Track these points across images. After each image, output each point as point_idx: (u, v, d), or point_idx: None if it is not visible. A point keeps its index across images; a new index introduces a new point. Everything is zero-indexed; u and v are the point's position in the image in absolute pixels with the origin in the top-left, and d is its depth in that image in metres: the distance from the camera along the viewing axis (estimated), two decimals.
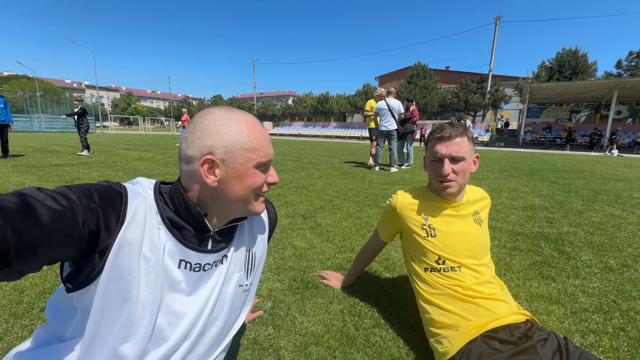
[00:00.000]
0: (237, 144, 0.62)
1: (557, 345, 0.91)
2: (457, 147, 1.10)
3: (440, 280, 1.12)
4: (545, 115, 26.58)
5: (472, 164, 1.16)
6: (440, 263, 1.14)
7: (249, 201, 0.68)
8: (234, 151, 0.62)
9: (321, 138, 33.83)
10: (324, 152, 11.19)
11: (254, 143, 0.63)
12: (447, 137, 1.10)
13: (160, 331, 0.63)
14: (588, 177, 6.10)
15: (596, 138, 20.96)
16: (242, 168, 0.63)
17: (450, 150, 1.10)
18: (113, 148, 9.89)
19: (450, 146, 1.10)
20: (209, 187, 0.63)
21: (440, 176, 1.12)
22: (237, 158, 0.62)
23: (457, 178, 1.11)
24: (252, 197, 0.67)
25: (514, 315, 1.01)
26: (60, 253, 0.50)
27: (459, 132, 1.11)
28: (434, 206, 1.21)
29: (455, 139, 1.10)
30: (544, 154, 14.41)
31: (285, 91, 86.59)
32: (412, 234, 1.22)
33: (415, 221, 1.21)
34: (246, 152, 0.63)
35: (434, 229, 1.17)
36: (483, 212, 1.26)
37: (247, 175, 0.64)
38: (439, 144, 1.12)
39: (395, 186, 4.48)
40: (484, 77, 30.37)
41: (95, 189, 0.56)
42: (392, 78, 42.84)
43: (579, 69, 26.20)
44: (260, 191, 0.69)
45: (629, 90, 20.14)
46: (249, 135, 0.63)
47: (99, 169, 5.35)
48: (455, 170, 1.11)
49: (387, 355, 1.14)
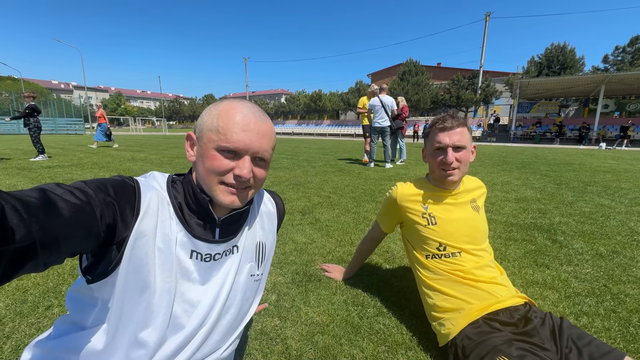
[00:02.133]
0: (206, 124, 0.65)
1: (552, 325, 0.96)
2: (459, 137, 1.15)
3: (441, 266, 1.16)
4: (536, 110, 26.99)
5: (471, 154, 1.22)
6: (442, 249, 1.18)
7: (211, 185, 0.65)
8: (202, 130, 0.65)
9: (315, 136, 33.83)
10: (319, 149, 11.21)
11: (219, 126, 0.63)
12: (450, 127, 1.15)
13: (177, 319, 0.65)
14: (578, 169, 6.25)
15: (585, 132, 21.38)
16: (205, 148, 0.64)
17: (452, 139, 1.15)
18: (105, 149, 9.75)
19: (453, 135, 1.15)
20: (193, 167, 0.69)
21: (443, 164, 1.16)
22: (203, 137, 0.64)
23: (459, 166, 1.16)
24: (213, 182, 0.64)
25: (514, 298, 1.06)
26: (81, 245, 0.51)
27: (460, 123, 1.17)
28: (433, 196, 1.25)
29: (457, 129, 1.15)
30: (534, 148, 14.67)
31: (277, 89, 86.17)
32: (413, 224, 1.26)
33: (415, 211, 1.25)
34: (210, 132, 0.63)
35: (434, 217, 1.21)
36: (480, 200, 1.31)
37: (207, 156, 0.63)
38: (442, 133, 1.17)
39: (391, 181, 4.53)
40: (475, 73, 30.67)
41: (110, 183, 0.58)
42: (384, 75, 42.97)
43: (567, 64, 26.63)
44: (224, 179, 0.64)
45: (616, 85, 20.60)
46: (218, 118, 0.63)
47: (91, 171, 5.28)
48: (457, 159, 1.16)
49: (391, 341, 1.17)
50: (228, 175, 0.64)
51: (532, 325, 0.96)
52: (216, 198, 0.65)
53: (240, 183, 0.65)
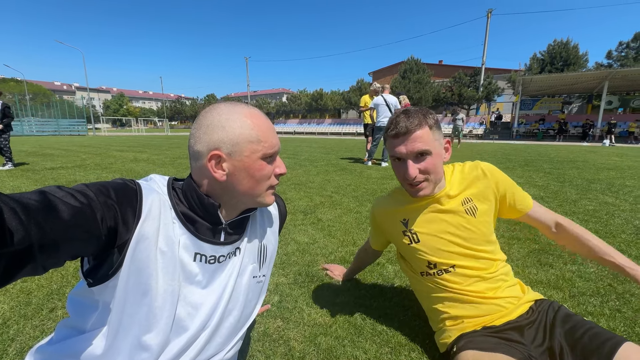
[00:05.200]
0: (242, 136, 0.63)
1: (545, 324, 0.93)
2: (419, 142, 0.90)
3: (437, 282, 1.04)
4: (538, 107, 26.81)
5: (444, 153, 0.97)
6: (432, 267, 1.03)
7: (260, 193, 0.68)
8: (240, 144, 0.62)
9: (316, 135, 33.79)
10: (320, 148, 11.20)
11: (259, 135, 0.64)
12: (404, 133, 0.90)
13: (180, 322, 0.65)
14: (581, 167, 6.20)
15: (588, 128, 21.22)
16: (249, 160, 0.64)
17: (410, 147, 0.91)
18: (107, 150, 9.80)
19: (410, 143, 0.90)
20: (218, 182, 0.64)
21: (406, 179, 0.94)
22: (243, 151, 0.63)
23: (427, 177, 0.94)
24: (262, 189, 0.68)
25: (520, 307, 0.98)
26: (81, 248, 0.52)
27: (417, 123, 0.90)
28: (412, 208, 1.05)
29: (415, 133, 0.90)
30: (537, 146, 14.57)
31: (278, 89, 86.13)
32: (397, 243, 1.14)
33: (395, 229, 1.09)
34: (251, 144, 0.63)
35: (415, 233, 1.04)
36: (480, 196, 1.02)
37: (254, 168, 0.65)
38: (396, 141, 0.93)
39: (393, 180, 4.52)
40: (477, 71, 30.48)
41: (111, 186, 0.58)
42: (385, 73, 42.83)
43: (570, 61, 26.40)
44: (270, 182, 0.69)
45: (620, 81, 20.38)
46: (253, 127, 0.64)
47: (94, 172, 5.31)
48: (423, 170, 0.93)
49: (394, 342, 1.17)
50: (272, 178, 0.70)
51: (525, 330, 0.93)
52: (264, 202, 0.71)
53: (278, 180, 0.72)
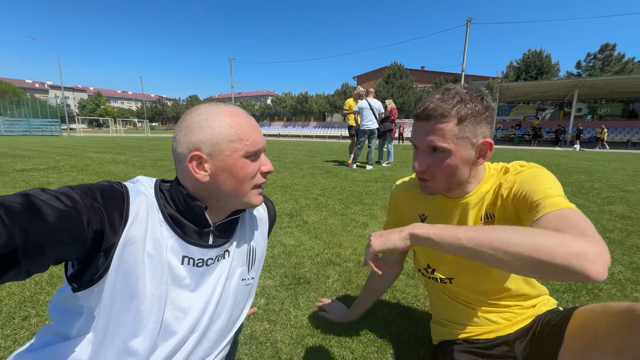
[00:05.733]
0: (222, 135, 0.62)
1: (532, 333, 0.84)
2: (436, 136, 0.72)
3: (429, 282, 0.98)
4: (515, 113, 28.03)
5: (474, 156, 0.75)
6: (429, 272, 0.94)
7: (245, 193, 0.66)
8: (220, 143, 0.62)
9: (301, 138, 33.79)
10: (305, 151, 11.22)
11: (239, 133, 0.63)
12: (425, 118, 0.73)
13: (167, 326, 0.64)
14: (554, 170, 6.49)
15: (560, 134, 22.39)
16: (230, 160, 0.63)
17: (422, 139, 0.74)
18: (83, 151, 9.41)
19: (425, 134, 0.73)
20: (201, 183, 0.64)
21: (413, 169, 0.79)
22: (223, 150, 0.62)
23: (435, 177, 0.77)
24: (247, 189, 0.66)
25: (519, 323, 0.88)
26: (67, 252, 0.50)
27: (446, 109, 0.70)
28: (433, 206, 0.91)
29: (436, 123, 0.71)
30: (514, 150, 15.18)
31: (263, 91, 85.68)
32: None
33: (410, 218, 0.97)
34: (232, 142, 0.62)
35: None
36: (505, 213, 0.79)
37: (236, 167, 0.63)
38: (415, 124, 0.77)
39: (378, 183, 4.59)
40: (457, 77, 31.51)
41: (97, 188, 0.57)
42: (369, 77, 43.52)
43: (543, 69, 27.83)
44: (255, 181, 0.67)
45: (588, 89, 21.67)
46: (233, 126, 0.63)
47: (69, 174, 5.08)
48: (430, 167, 0.75)
49: (380, 341, 1.19)
50: (258, 177, 0.68)
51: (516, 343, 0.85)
52: (250, 202, 0.69)
53: (265, 178, 0.71)
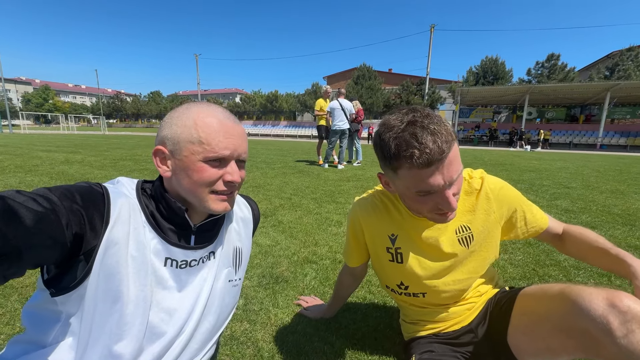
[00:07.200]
0: (182, 135, 0.61)
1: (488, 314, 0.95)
2: (455, 164, 0.70)
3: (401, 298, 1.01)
4: (474, 115, 29.96)
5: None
6: (403, 288, 0.95)
7: (202, 197, 0.64)
8: (179, 143, 0.61)
9: (272, 137, 33.42)
10: (277, 151, 11.13)
11: (201, 136, 0.61)
12: (439, 159, 0.66)
13: (153, 328, 0.63)
14: (509, 169, 7.09)
15: (514, 135, 24.35)
16: (188, 161, 0.61)
17: (449, 175, 0.69)
18: (30, 150, 8.56)
19: (447, 169, 0.69)
20: (167, 178, 0.65)
21: (439, 210, 0.76)
22: (182, 150, 0.61)
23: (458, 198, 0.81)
24: (204, 193, 0.63)
25: (475, 312, 0.98)
26: (45, 256, 0.49)
27: (448, 140, 0.67)
28: (404, 224, 0.90)
29: (449, 155, 0.67)
30: (474, 150, 16.23)
31: (232, 88, 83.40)
32: (373, 254, 1.01)
33: (379, 241, 0.95)
34: (191, 144, 0.61)
35: (401, 254, 0.91)
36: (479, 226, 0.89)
37: (193, 169, 0.61)
38: (426, 171, 0.68)
39: (350, 182, 4.69)
40: (422, 80, 33.00)
41: (76, 190, 0.55)
42: (339, 78, 44.08)
43: (499, 75, 29.99)
44: (214, 188, 0.64)
45: (537, 95, 23.84)
46: (196, 128, 0.61)
47: (16, 175, 4.61)
48: (455, 194, 0.76)
49: (360, 333, 1.24)
50: (218, 184, 0.64)
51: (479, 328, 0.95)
52: (209, 208, 0.65)
53: (231, 187, 0.65)
